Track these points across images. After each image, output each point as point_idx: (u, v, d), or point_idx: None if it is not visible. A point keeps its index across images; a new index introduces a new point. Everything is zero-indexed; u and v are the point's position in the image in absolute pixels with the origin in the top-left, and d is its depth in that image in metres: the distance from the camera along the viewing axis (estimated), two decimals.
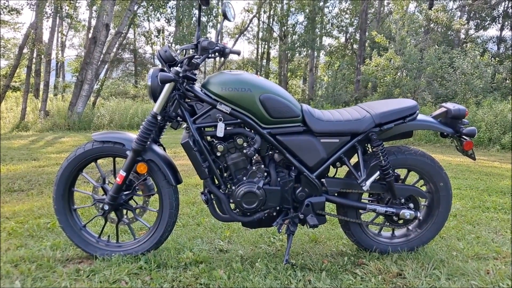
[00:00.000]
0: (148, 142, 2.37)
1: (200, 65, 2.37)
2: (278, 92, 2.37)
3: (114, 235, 2.66)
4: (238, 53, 2.63)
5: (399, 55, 13.51)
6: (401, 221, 2.59)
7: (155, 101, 2.35)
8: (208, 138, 2.42)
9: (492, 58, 15.07)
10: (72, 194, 2.55)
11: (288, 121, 2.38)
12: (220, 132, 2.31)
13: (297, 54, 25.01)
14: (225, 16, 2.41)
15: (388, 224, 2.63)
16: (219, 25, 2.63)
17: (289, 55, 24.65)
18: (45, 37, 15.06)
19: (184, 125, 2.41)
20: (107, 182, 2.54)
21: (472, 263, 2.52)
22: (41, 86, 14.87)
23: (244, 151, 2.36)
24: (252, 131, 2.37)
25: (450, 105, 2.52)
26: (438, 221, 2.65)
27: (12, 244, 2.70)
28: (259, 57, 27.38)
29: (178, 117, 2.39)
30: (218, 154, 2.38)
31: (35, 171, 5.96)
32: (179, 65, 2.31)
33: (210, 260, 2.49)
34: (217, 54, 2.44)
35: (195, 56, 2.28)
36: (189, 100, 2.39)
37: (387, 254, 2.60)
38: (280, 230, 2.47)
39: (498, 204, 4.01)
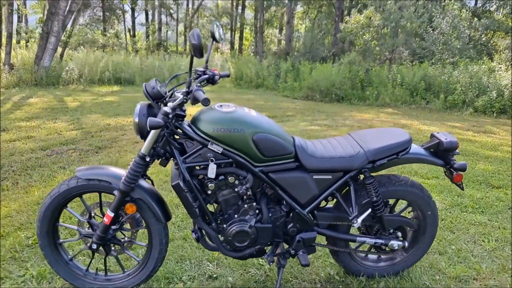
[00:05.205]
0: (136, 182, 2.28)
1: None
2: (271, 130, 2.28)
3: (102, 266, 2.61)
4: (228, 76, 2.55)
5: (378, 12, 13.27)
6: (388, 249, 2.64)
7: (141, 137, 2.23)
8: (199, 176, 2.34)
9: (471, 15, 15.00)
10: (56, 229, 2.46)
11: (281, 158, 2.32)
12: (211, 174, 2.23)
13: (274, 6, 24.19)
14: (213, 38, 2.26)
15: (375, 251, 2.68)
16: (208, 46, 2.46)
17: (265, 5, 23.87)
18: None
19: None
20: (93, 214, 2.46)
21: None
22: (4, 38, 14.02)
23: (236, 189, 2.31)
24: (244, 169, 2.31)
25: (442, 137, 2.50)
26: (423, 246, 2.71)
27: None
28: (234, 3, 26.40)
29: (167, 154, 2.30)
30: (209, 192, 2.32)
31: (6, 148, 5.75)
32: (168, 104, 2.19)
33: None
34: (206, 82, 2.34)
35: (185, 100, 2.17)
36: (178, 137, 2.28)
37: (374, 282, 2.66)
38: (271, 264, 2.48)
39: (475, 201, 4.13)
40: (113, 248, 2.48)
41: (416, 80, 12.36)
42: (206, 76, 2.31)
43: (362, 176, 2.47)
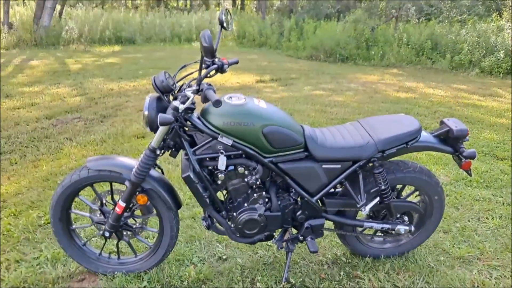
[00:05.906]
0: (147, 174, 2.30)
1: None
2: (281, 122, 2.27)
3: (114, 248, 2.68)
4: (237, 62, 2.50)
5: None
6: (394, 233, 2.69)
7: (151, 130, 2.23)
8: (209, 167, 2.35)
9: None
10: (69, 215, 2.51)
11: (290, 149, 2.32)
12: (221, 165, 2.24)
13: None
14: (221, 25, 2.22)
15: (381, 234, 2.73)
16: (217, 35, 2.38)
17: None
18: None
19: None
20: (104, 202, 2.49)
21: (458, 271, 2.69)
22: None
23: (246, 179, 2.33)
24: (254, 160, 2.31)
25: (453, 124, 2.48)
26: (428, 229, 2.76)
27: (12, 257, 2.70)
28: None
29: (177, 145, 2.30)
30: (219, 182, 2.34)
31: (11, 117, 5.75)
32: (177, 98, 2.16)
33: (211, 276, 2.58)
34: (215, 72, 2.30)
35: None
36: (187, 129, 2.28)
37: (380, 264, 2.73)
38: (280, 248, 2.53)
39: (480, 174, 4.16)
40: (124, 233, 2.54)
41: (422, 39, 12.12)
42: (215, 66, 2.25)
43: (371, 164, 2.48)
